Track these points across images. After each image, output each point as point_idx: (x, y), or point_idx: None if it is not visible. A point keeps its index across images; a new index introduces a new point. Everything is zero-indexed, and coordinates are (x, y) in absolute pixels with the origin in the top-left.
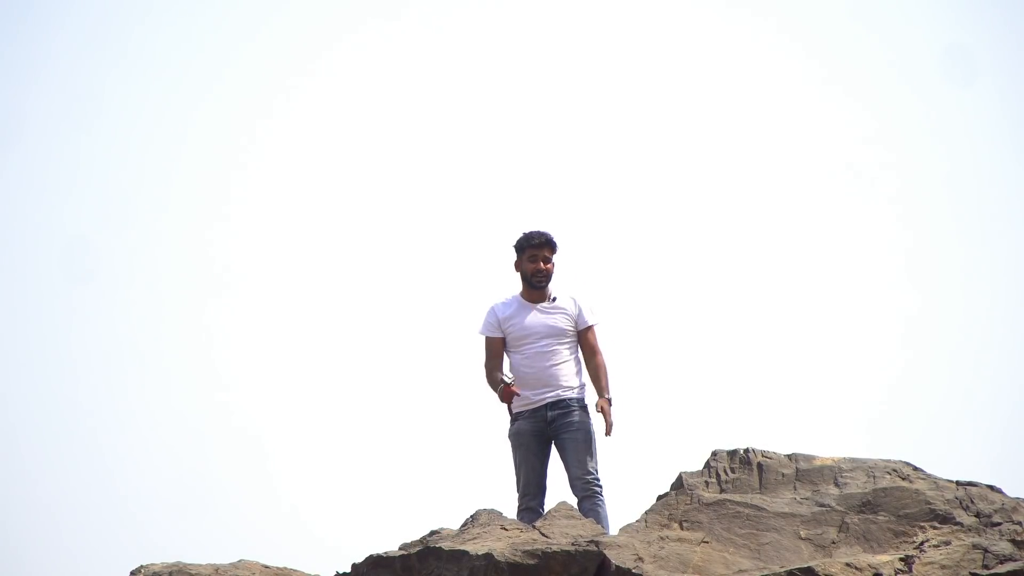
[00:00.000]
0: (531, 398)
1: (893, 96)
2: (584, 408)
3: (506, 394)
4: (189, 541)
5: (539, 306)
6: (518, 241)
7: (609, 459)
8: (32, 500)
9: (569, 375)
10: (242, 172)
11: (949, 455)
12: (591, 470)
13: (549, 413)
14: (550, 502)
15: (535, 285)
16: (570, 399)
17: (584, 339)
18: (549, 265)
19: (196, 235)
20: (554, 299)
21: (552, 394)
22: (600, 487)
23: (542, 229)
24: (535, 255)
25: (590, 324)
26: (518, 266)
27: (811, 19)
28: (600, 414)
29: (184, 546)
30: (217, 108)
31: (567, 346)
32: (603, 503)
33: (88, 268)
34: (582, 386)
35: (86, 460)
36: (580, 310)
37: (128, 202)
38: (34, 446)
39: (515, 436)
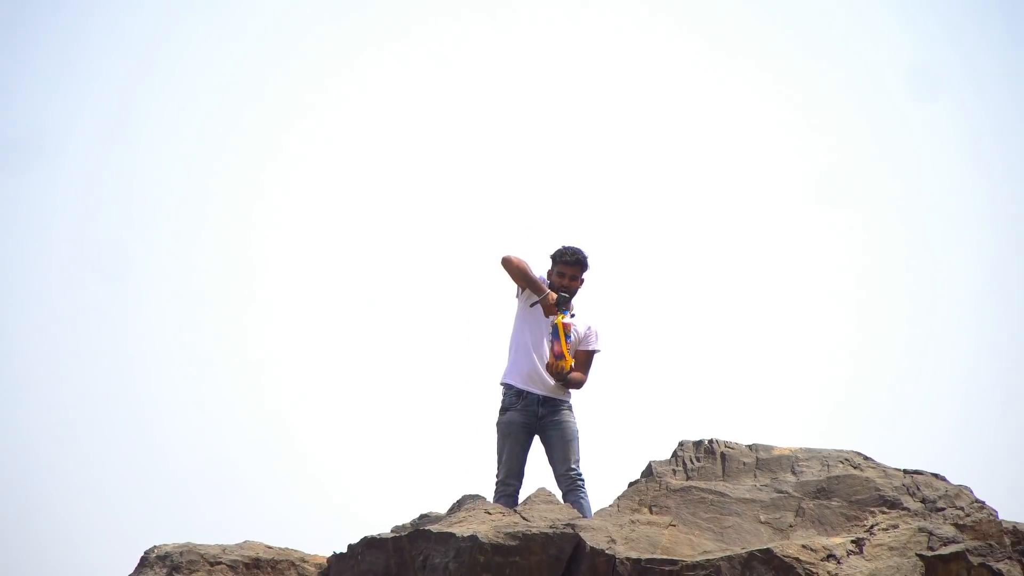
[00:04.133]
0: (519, 384)
1: (864, 111)
2: (571, 409)
3: (549, 305)
4: (197, 524)
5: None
6: (555, 252)
7: (584, 448)
8: (58, 484)
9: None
10: (265, 180)
11: (898, 445)
12: (574, 466)
13: (540, 409)
14: (525, 488)
15: (540, 295)
16: (560, 400)
17: (580, 357)
18: (575, 283)
19: (220, 238)
20: (572, 315)
21: (545, 393)
22: (583, 481)
23: (579, 248)
24: (564, 272)
25: (592, 349)
26: (549, 274)
27: (785, 42)
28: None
29: (193, 529)
30: (241, 124)
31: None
32: (586, 496)
33: (122, 269)
34: (569, 391)
35: (109, 447)
36: (589, 334)
37: (158, 209)
38: (66, 430)
39: (505, 425)
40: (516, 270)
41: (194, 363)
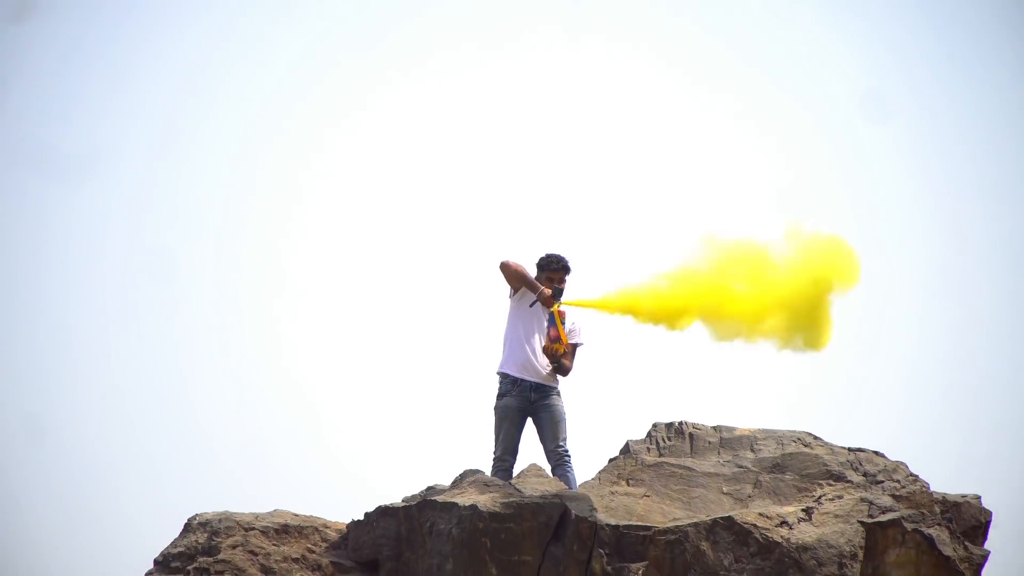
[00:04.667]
0: (514, 373)
1: (821, 132)
2: (559, 394)
3: (548, 298)
4: (234, 495)
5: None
6: (541, 260)
7: (570, 428)
8: (114, 459)
9: (544, 364)
10: (295, 191)
11: (844, 426)
12: (562, 443)
13: (532, 395)
14: (519, 464)
15: (536, 292)
16: (550, 386)
17: (566, 349)
18: (562, 284)
19: (250, 240)
20: (563, 309)
21: (537, 380)
22: (569, 457)
23: (561, 255)
24: (552, 276)
25: (576, 342)
26: (538, 279)
27: (743, 70)
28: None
29: (230, 499)
30: (274, 141)
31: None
32: (571, 470)
33: (168, 272)
34: (558, 379)
35: (157, 426)
36: (574, 329)
37: (199, 219)
38: (120, 412)
39: (503, 409)
40: (515, 273)
41: (231, 354)
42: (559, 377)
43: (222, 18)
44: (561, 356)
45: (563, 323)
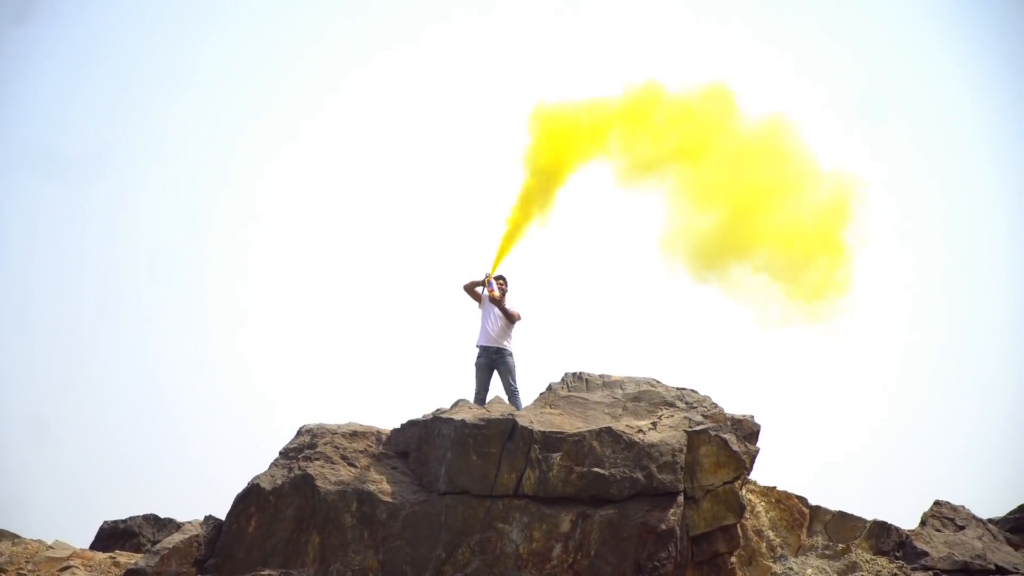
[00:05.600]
0: (482, 343)
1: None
2: (511, 355)
3: (475, 285)
4: (325, 413)
5: (483, 294)
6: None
7: (520, 375)
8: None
9: (503, 338)
10: (268, 191)
11: (680, 374)
12: (513, 383)
13: (493, 356)
14: (489, 397)
15: (474, 287)
16: (504, 350)
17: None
18: (500, 282)
19: (256, 245)
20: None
21: (496, 345)
22: (517, 392)
23: (501, 274)
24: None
25: (515, 311)
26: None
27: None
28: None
29: (322, 415)
30: (275, 141)
31: (504, 326)
32: (519, 401)
33: (169, 272)
34: (509, 344)
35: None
36: (514, 306)
37: (203, 219)
38: (118, 411)
39: (477, 365)
40: (466, 290)
41: (248, 332)
42: (510, 335)
43: (223, 18)
44: (491, 293)
45: (489, 284)
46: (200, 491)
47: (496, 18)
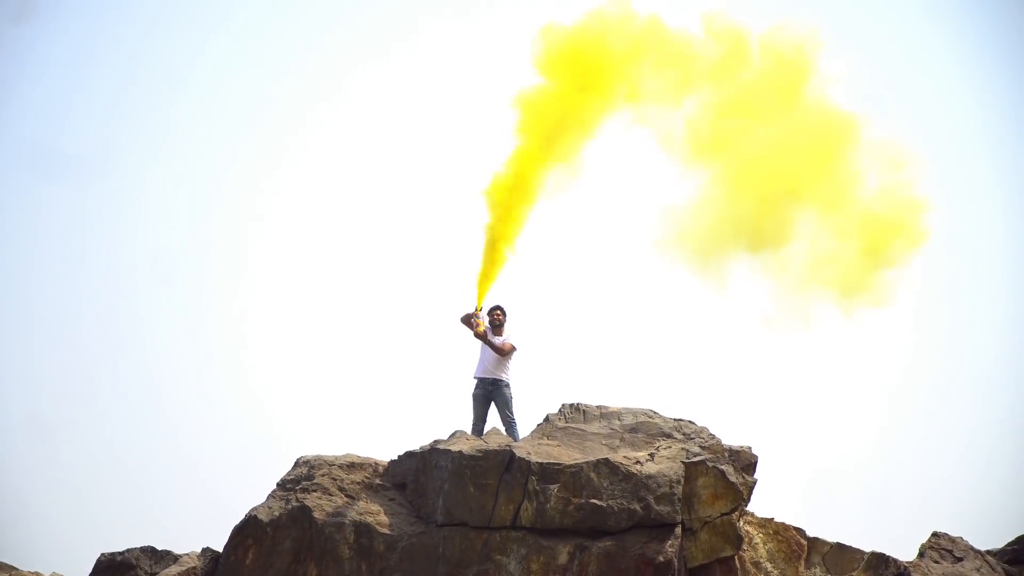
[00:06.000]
0: (479, 375)
1: None
2: (508, 385)
3: (467, 319)
4: (323, 444)
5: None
6: (490, 309)
7: (517, 405)
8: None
9: (499, 369)
10: (268, 191)
11: (675, 403)
12: (510, 414)
13: (490, 387)
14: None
15: (469, 319)
16: (500, 380)
17: (498, 342)
18: (496, 315)
19: (255, 244)
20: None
21: (492, 377)
22: (515, 423)
23: (498, 305)
24: (493, 315)
25: (513, 344)
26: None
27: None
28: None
29: (319, 446)
30: (276, 141)
31: (501, 358)
32: (517, 433)
33: (168, 272)
34: (505, 377)
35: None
36: (509, 337)
37: (203, 219)
38: (117, 410)
39: (474, 396)
40: (463, 323)
41: (251, 338)
42: (507, 366)
43: (223, 18)
44: (475, 330)
45: (479, 317)
46: (197, 522)
47: (493, 14)
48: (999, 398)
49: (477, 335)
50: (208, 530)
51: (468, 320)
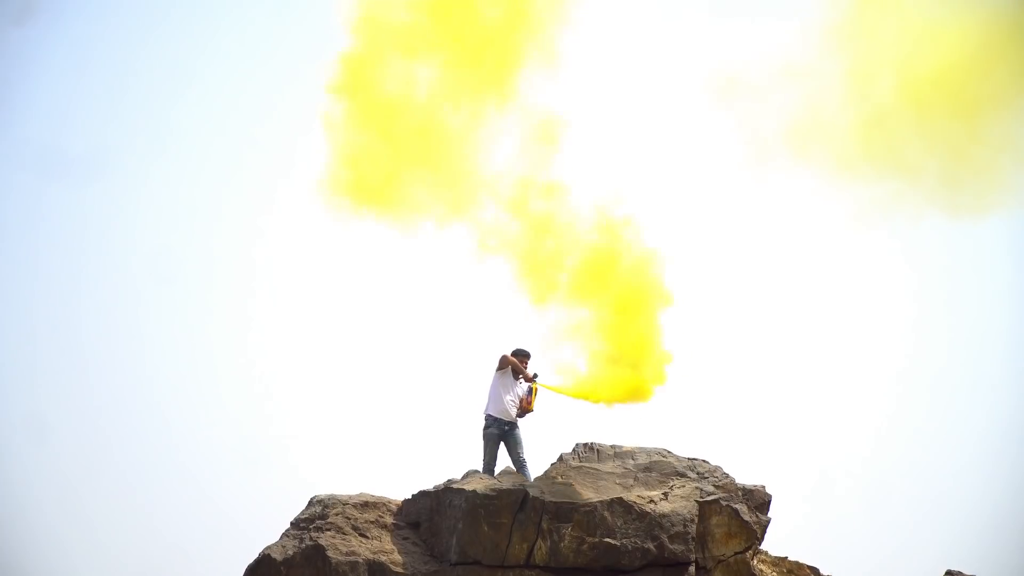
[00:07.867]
0: (495, 415)
1: None
2: (519, 427)
3: (517, 370)
4: (336, 484)
5: (519, 379)
6: (515, 351)
7: (528, 446)
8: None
9: (515, 413)
10: (275, 199)
11: (686, 443)
12: (522, 455)
13: (505, 428)
14: (498, 468)
15: (519, 373)
16: (514, 423)
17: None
18: (524, 363)
19: (257, 244)
20: (521, 381)
21: (508, 419)
22: (526, 463)
23: (526, 348)
24: (522, 360)
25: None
26: (515, 356)
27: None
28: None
29: (333, 486)
30: (277, 142)
31: (517, 401)
32: (529, 473)
33: (169, 274)
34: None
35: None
36: (527, 391)
37: (204, 219)
38: (117, 409)
39: (488, 435)
40: (508, 363)
41: (251, 349)
42: (518, 417)
43: (224, 18)
44: (527, 412)
45: (535, 395)
46: (211, 562)
47: None
48: (1010, 431)
49: (523, 409)
50: (222, 570)
51: (521, 376)
